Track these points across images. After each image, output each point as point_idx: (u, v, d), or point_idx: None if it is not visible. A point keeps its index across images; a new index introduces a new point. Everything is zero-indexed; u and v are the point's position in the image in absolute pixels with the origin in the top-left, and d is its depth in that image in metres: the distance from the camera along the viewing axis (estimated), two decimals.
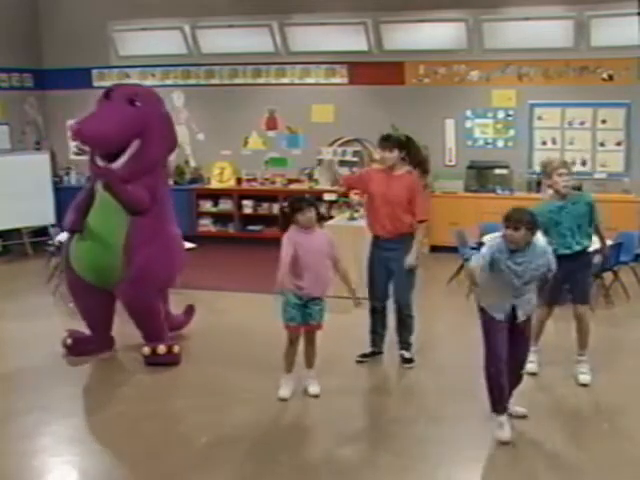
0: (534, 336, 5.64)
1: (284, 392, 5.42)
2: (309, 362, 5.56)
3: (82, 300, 6.32)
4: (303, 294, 5.32)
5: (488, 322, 4.82)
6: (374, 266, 6.07)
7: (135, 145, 5.89)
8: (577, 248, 5.51)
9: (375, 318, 6.18)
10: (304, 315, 5.35)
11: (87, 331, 6.41)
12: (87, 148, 6.22)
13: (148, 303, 6.15)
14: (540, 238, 4.80)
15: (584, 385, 5.56)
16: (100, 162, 5.95)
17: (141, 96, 6.05)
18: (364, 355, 6.19)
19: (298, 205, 5.26)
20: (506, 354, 4.77)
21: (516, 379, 4.94)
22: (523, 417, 5.00)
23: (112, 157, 5.90)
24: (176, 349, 6.16)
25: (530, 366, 5.58)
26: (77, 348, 6.31)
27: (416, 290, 6.13)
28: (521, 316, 4.77)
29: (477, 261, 4.73)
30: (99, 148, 5.94)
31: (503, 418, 4.79)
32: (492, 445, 4.71)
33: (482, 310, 4.87)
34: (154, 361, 6.07)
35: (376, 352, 6.24)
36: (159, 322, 6.24)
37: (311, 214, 5.26)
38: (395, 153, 5.90)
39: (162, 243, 6.15)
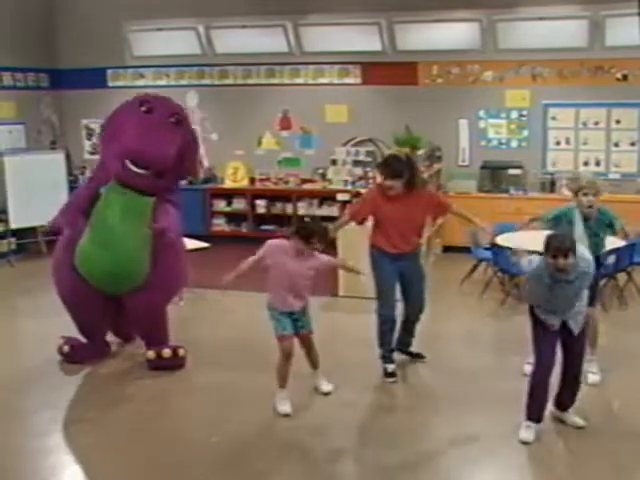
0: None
1: (284, 408, 5.25)
2: (314, 364, 5.57)
3: (83, 306, 6.11)
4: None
5: (538, 326, 4.67)
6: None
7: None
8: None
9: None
10: (295, 327, 5.38)
11: (82, 339, 6.31)
12: (136, 169, 5.74)
13: (162, 311, 6.21)
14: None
15: (593, 385, 5.55)
16: (139, 170, 5.72)
17: (180, 115, 6.02)
18: (390, 374, 5.89)
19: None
20: (554, 363, 4.67)
21: (572, 390, 4.85)
22: (580, 428, 4.89)
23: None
24: (181, 352, 6.11)
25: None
26: (73, 356, 6.23)
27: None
28: (574, 329, 4.63)
29: (526, 266, 4.63)
30: (158, 169, 5.79)
31: (532, 424, 4.73)
32: (501, 445, 4.72)
33: (532, 313, 4.71)
34: (159, 365, 6.03)
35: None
36: (166, 328, 6.25)
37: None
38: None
39: (178, 251, 6.22)
